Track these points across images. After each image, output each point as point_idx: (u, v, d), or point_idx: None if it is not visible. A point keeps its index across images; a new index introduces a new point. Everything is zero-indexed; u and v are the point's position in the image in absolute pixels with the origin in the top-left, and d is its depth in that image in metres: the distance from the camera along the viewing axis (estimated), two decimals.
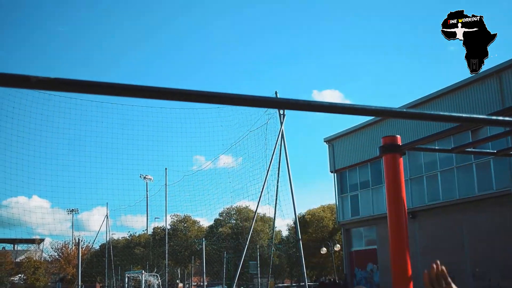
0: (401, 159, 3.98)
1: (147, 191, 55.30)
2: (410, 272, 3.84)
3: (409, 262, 3.91)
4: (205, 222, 64.10)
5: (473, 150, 4.54)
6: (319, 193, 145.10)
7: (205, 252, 16.65)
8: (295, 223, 19.11)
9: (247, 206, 51.87)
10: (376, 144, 33.30)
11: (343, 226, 37.93)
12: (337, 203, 38.15)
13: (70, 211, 72.27)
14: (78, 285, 14.39)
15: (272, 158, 18.91)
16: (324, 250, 42.73)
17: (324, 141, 39.15)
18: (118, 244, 61.52)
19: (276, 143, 18.79)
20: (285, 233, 57.44)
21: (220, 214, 57.18)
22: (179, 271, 54.17)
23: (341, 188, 37.45)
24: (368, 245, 35.74)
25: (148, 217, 61.06)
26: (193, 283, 47.59)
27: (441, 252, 28.24)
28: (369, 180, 34.85)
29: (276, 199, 19.60)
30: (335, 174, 37.83)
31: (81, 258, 13.58)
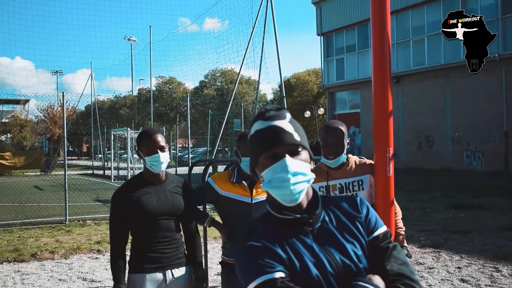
0: (389, 21, 3.85)
1: (131, 53, 54.50)
2: (391, 134, 3.87)
3: (391, 124, 3.91)
4: (191, 84, 64.12)
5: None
6: (305, 57, 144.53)
7: (190, 114, 16.68)
8: (280, 83, 19.04)
9: (232, 69, 51.56)
10: (364, 7, 32.66)
11: (327, 90, 38.08)
12: (322, 67, 37.98)
13: (55, 72, 71.63)
14: (64, 142, 14.43)
15: (257, 18, 18.43)
16: (308, 114, 43.06)
17: (312, 3, 38.20)
18: (103, 105, 61.69)
19: (262, 3, 18.22)
20: (270, 96, 57.69)
21: (205, 76, 57.04)
22: (164, 132, 54.74)
23: (327, 51, 37.14)
24: (351, 108, 36.15)
25: (133, 79, 60.74)
26: (178, 145, 48.39)
27: (423, 115, 28.73)
28: (356, 44, 34.53)
29: (261, 58, 19.36)
30: (322, 37, 37.33)
31: (66, 119, 13.58)
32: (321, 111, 42.12)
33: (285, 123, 1.80)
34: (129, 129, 25.72)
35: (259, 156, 1.80)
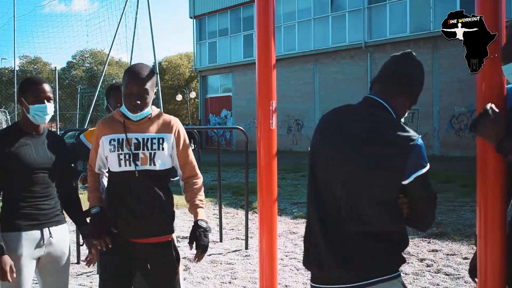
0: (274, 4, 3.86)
1: None
2: (274, 87, 3.89)
3: (274, 77, 3.94)
4: (58, 65, 61.45)
5: None
6: (177, 41, 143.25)
7: (58, 96, 15.94)
8: (154, 62, 18.72)
9: (102, 50, 50.16)
10: None
11: (199, 73, 38.08)
12: (194, 50, 37.87)
13: None
14: None
15: None
16: (179, 97, 42.92)
17: None
18: None
19: None
20: None
21: (73, 57, 54.98)
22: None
23: (200, 34, 37.07)
24: (224, 92, 36.39)
25: None
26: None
27: (294, 99, 29.53)
28: (228, 28, 34.73)
29: (133, 39, 18.91)
30: (195, 20, 37.19)
31: None
32: (193, 94, 42.12)
33: None
34: None
35: None
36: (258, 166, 3.59)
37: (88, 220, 3.41)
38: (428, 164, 2.32)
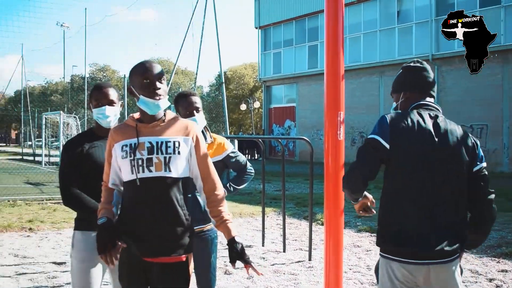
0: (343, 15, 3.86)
1: (64, 39, 53.03)
2: (342, 98, 3.88)
3: (342, 88, 3.93)
4: (126, 73, 63.06)
5: None
6: (242, 51, 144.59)
7: (126, 103, 16.35)
8: (220, 69, 18.97)
9: (168, 59, 51.18)
10: (302, 2, 32.99)
11: (264, 83, 38.26)
12: (259, 60, 38.12)
13: None
14: None
15: (194, 9, 18.33)
16: (243, 107, 43.26)
17: None
18: (34, 91, 59.95)
19: None
20: (206, 89, 57.51)
21: None
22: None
23: (265, 45, 37.30)
24: (287, 102, 36.42)
25: (65, 64, 59.31)
26: None
27: (358, 110, 29.21)
28: (293, 38, 34.80)
29: (200, 48, 19.24)
30: (260, 30, 37.47)
31: None
32: (256, 104, 42.32)
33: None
34: (62, 112, 24.94)
35: None
36: (325, 176, 3.58)
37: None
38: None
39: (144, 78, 2.87)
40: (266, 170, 9.82)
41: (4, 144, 78.62)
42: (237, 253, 2.85)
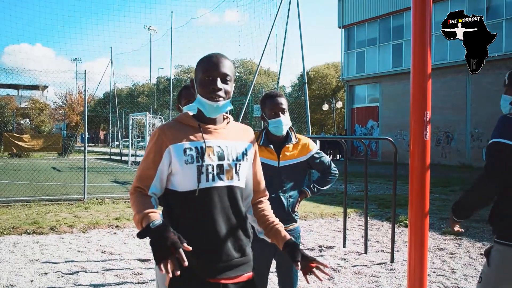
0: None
1: (151, 42, 54.61)
2: (429, 97, 3.79)
3: (429, 87, 3.85)
4: None
5: None
6: (324, 50, 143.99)
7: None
8: (302, 71, 18.95)
9: (251, 60, 51.59)
10: (386, 0, 32.46)
11: (346, 83, 37.92)
12: (342, 60, 37.81)
13: (74, 59, 72.16)
14: (84, 119, 14.44)
15: (279, 9, 18.35)
16: (326, 107, 42.92)
17: None
18: (121, 93, 62.07)
19: None
20: (288, 90, 57.54)
21: None
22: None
23: (348, 44, 36.96)
24: (370, 102, 35.94)
25: (152, 66, 61.03)
26: None
27: (444, 110, 28.42)
28: (377, 37, 34.30)
29: (283, 49, 19.26)
30: (343, 30, 37.17)
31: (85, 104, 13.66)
32: (339, 104, 41.95)
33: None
34: (148, 113, 25.69)
35: None
36: (410, 177, 3.50)
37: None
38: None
39: (206, 74, 2.51)
40: (348, 171, 9.73)
41: (93, 144, 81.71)
42: (302, 254, 2.60)
